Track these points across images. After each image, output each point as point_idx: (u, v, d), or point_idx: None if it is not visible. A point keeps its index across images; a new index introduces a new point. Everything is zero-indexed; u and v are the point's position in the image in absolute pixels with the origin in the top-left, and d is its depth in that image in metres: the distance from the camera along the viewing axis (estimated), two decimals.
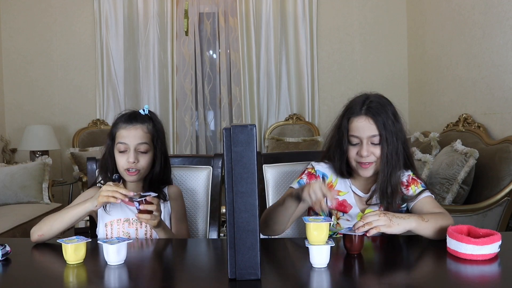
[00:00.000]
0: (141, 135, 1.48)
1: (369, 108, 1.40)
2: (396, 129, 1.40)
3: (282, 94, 4.58)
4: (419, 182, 1.49)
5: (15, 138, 4.34)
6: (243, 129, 1.02)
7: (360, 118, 1.40)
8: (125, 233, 1.51)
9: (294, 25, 4.51)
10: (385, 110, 1.40)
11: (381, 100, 1.44)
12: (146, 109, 1.53)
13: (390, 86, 4.47)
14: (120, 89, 4.50)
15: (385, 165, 1.39)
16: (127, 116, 1.51)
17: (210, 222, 1.77)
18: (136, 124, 1.48)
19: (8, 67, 4.48)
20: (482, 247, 1.13)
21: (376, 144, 1.39)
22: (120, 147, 1.47)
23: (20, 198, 3.33)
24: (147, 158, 1.49)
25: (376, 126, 1.38)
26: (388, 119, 1.39)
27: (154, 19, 4.46)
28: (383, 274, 1.13)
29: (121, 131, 1.48)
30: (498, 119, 2.90)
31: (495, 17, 2.90)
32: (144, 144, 1.48)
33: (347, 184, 1.50)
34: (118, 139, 1.48)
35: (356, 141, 1.41)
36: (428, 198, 1.45)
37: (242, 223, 1.02)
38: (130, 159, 1.45)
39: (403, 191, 1.46)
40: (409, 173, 1.50)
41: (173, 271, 1.22)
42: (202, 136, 4.64)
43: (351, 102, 1.46)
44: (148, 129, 1.50)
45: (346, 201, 1.49)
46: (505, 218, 2.46)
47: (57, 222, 1.39)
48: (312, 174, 1.52)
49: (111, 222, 1.52)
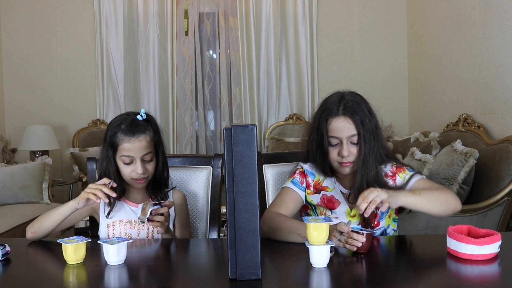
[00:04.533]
0: (145, 146, 1.47)
1: (346, 107, 1.40)
2: (372, 126, 1.41)
3: (282, 94, 4.58)
4: (405, 169, 1.49)
5: (15, 138, 4.33)
6: (243, 129, 1.02)
7: (338, 118, 1.40)
8: (127, 234, 1.51)
9: (294, 25, 4.50)
10: (361, 108, 1.41)
11: (356, 97, 1.44)
12: (144, 114, 1.50)
13: (390, 86, 4.47)
14: (120, 89, 4.49)
15: (362, 163, 1.40)
16: (128, 127, 1.46)
17: (210, 222, 1.77)
18: (139, 135, 1.46)
19: (8, 67, 4.48)
20: (482, 247, 1.13)
21: (355, 143, 1.41)
22: (125, 160, 1.46)
23: (20, 198, 3.33)
24: (153, 164, 1.51)
25: (355, 126, 1.39)
26: (366, 117, 1.40)
27: (154, 19, 4.46)
28: (383, 274, 1.14)
29: (125, 145, 1.45)
30: (498, 119, 2.90)
31: (495, 17, 2.90)
32: (149, 153, 1.48)
33: (332, 181, 1.53)
34: (122, 152, 1.46)
35: (336, 142, 1.42)
36: (421, 181, 1.45)
37: (243, 223, 1.02)
38: (139, 170, 1.45)
39: (388, 183, 1.46)
40: (391, 164, 1.50)
41: (173, 271, 1.22)
42: (202, 136, 4.64)
43: (327, 102, 1.46)
44: (151, 137, 1.49)
45: (334, 197, 1.51)
46: (505, 218, 2.46)
47: (46, 220, 1.42)
48: (303, 173, 1.55)
49: (113, 223, 1.52)
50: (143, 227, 1.52)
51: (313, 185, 1.54)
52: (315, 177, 1.54)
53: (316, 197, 1.53)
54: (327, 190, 1.52)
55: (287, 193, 1.53)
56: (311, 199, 1.53)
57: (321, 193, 1.52)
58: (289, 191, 1.53)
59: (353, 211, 1.49)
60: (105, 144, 1.49)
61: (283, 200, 1.51)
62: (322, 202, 1.51)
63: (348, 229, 1.21)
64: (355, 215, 1.48)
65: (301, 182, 1.54)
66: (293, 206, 1.51)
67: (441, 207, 1.31)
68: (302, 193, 1.53)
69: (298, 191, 1.53)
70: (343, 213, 1.50)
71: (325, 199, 1.51)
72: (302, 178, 1.54)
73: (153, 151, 1.50)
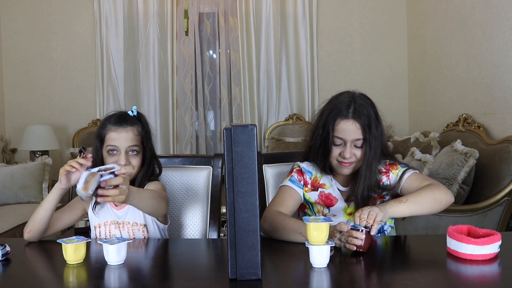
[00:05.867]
0: (131, 138, 1.47)
1: (356, 111, 1.41)
2: (378, 132, 1.43)
3: (282, 94, 4.58)
4: (398, 165, 1.51)
5: (15, 138, 4.34)
6: (244, 129, 1.02)
7: (347, 121, 1.41)
8: (112, 236, 1.51)
9: (294, 25, 4.50)
10: (370, 113, 1.42)
11: (366, 101, 1.45)
12: (135, 111, 1.51)
13: (390, 86, 4.47)
14: (120, 89, 4.49)
15: (366, 168, 1.42)
16: (117, 118, 1.48)
17: (210, 222, 1.77)
18: (127, 126, 1.46)
19: (8, 67, 4.48)
20: (482, 247, 1.13)
21: (358, 147, 1.42)
22: (110, 149, 1.46)
23: (20, 198, 3.33)
24: (138, 160, 1.49)
25: (362, 131, 1.41)
26: (373, 122, 1.41)
27: (154, 19, 4.46)
28: (383, 274, 1.14)
29: (111, 134, 1.45)
30: (498, 119, 2.90)
31: (495, 17, 2.90)
32: (135, 146, 1.47)
33: (329, 178, 1.54)
34: (108, 142, 1.45)
35: (340, 142, 1.43)
36: (413, 176, 1.46)
37: (243, 223, 1.02)
38: (122, 161, 1.44)
39: (382, 179, 1.48)
40: (385, 161, 1.51)
41: (173, 271, 1.22)
42: (202, 136, 4.64)
43: (336, 101, 1.46)
44: (138, 131, 1.49)
45: (331, 194, 1.52)
46: (505, 218, 2.46)
47: (37, 214, 1.40)
48: (300, 171, 1.56)
49: (99, 224, 1.53)
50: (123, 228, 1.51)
51: (310, 183, 1.55)
52: (312, 175, 1.55)
53: (313, 194, 1.54)
54: (324, 187, 1.54)
55: (286, 191, 1.53)
56: (309, 196, 1.54)
57: (319, 190, 1.54)
58: (288, 189, 1.53)
59: (349, 208, 1.51)
60: (95, 137, 1.50)
61: (282, 199, 1.51)
62: (320, 199, 1.53)
63: (347, 227, 1.21)
64: (352, 212, 1.49)
65: (299, 180, 1.55)
66: (292, 204, 1.52)
67: (430, 207, 1.32)
68: (300, 190, 1.54)
69: (297, 188, 1.54)
70: (340, 210, 1.51)
71: (322, 196, 1.53)
72: (300, 176, 1.55)
73: (140, 146, 1.49)
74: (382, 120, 1.46)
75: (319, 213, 1.53)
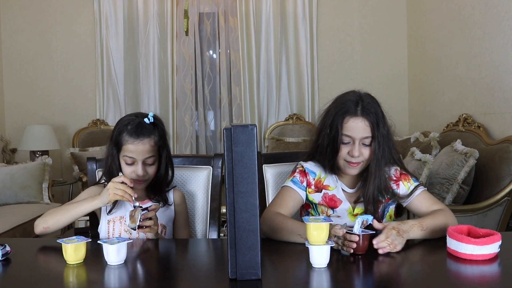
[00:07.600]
0: (148, 149, 1.48)
1: (365, 108, 1.40)
2: (385, 131, 1.42)
3: (282, 94, 4.58)
4: (410, 178, 1.50)
5: (15, 138, 4.34)
6: (243, 129, 1.02)
7: (356, 118, 1.40)
8: (127, 231, 1.52)
9: (294, 25, 4.50)
10: (378, 111, 1.42)
11: (372, 99, 1.45)
12: (151, 117, 1.51)
13: (390, 86, 4.47)
14: (120, 89, 4.50)
15: (375, 167, 1.41)
16: (134, 128, 1.47)
17: (210, 222, 1.77)
18: (143, 138, 1.47)
19: (8, 67, 4.48)
20: (482, 247, 1.13)
21: (367, 145, 1.41)
22: (127, 160, 1.49)
23: (20, 198, 3.33)
24: (154, 168, 1.53)
25: (370, 128, 1.40)
26: (380, 121, 1.41)
27: (154, 19, 4.46)
28: (383, 274, 1.14)
29: (128, 146, 1.47)
30: (498, 119, 2.90)
31: (495, 17, 2.91)
32: (152, 157, 1.50)
33: (334, 179, 1.52)
34: (125, 152, 1.48)
35: (348, 140, 1.42)
36: (424, 194, 1.47)
37: (243, 223, 1.02)
38: (139, 172, 1.48)
39: (392, 187, 1.48)
40: (395, 167, 1.51)
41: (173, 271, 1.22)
42: (202, 136, 4.64)
43: (343, 99, 1.45)
44: (155, 141, 1.50)
45: (336, 196, 1.51)
46: (505, 218, 2.46)
47: (64, 217, 1.43)
48: (303, 172, 1.54)
49: (113, 219, 1.53)
50: None
51: (314, 184, 1.53)
52: (316, 176, 1.53)
53: (317, 195, 1.52)
54: (328, 189, 1.52)
55: (287, 192, 1.52)
56: (313, 197, 1.53)
57: (323, 191, 1.52)
58: (289, 190, 1.52)
59: (355, 209, 1.49)
60: (111, 142, 1.52)
61: (283, 200, 1.51)
62: (324, 200, 1.51)
63: (342, 232, 1.21)
64: (358, 214, 1.48)
65: (301, 181, 1.53)
66: (293, 206, 1.51)
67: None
68: (302, 192, 1.52)
69: (298, 190, 1.52)
70: (345, 211, 1.49)
71: (326, 197, 1.51)
72: (302, 177, 1.53)
73: (156, 155, 1.52)
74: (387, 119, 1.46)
75: (323, 213, 1.52)
